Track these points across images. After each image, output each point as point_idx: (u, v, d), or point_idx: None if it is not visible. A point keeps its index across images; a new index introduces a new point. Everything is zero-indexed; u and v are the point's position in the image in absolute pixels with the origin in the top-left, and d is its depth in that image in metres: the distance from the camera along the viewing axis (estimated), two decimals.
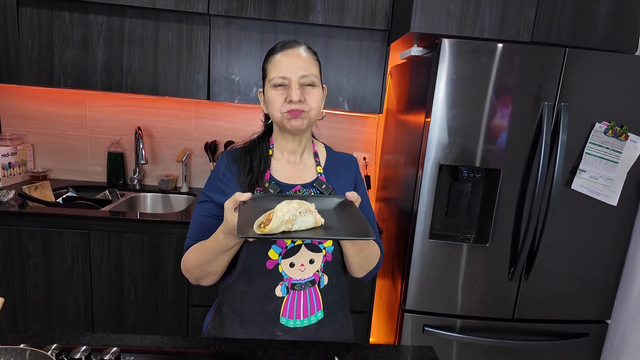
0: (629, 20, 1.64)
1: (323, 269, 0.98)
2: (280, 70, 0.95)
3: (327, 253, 0.98)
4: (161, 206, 2.29)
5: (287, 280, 0.96)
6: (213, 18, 1.91)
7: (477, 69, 1.49)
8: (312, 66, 0.97)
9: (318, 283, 0.99)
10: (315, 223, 0.80)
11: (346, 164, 1.10)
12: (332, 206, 0.89)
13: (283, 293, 0.97)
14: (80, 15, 1.88)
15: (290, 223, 0.77)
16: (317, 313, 0.99)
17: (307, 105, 0.95)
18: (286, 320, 0.98)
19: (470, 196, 1.66)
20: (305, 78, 0.95)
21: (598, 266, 1.67)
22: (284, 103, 0.95)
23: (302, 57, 0.96)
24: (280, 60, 0.96)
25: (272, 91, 0.96)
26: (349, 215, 0.83)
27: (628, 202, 1.61)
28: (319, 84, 0.99)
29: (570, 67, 1.49)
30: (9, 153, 2.12)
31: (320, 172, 1.04)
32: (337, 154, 1.13)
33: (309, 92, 0.96)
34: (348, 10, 1.89)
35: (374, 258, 1.03)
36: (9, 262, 1.79)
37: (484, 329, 1.68)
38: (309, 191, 1.01)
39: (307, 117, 0.96)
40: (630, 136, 1.53)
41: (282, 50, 0.97)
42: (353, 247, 0.97)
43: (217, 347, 0.93)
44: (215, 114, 2.32)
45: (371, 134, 2.39)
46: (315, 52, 1.02)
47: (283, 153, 1.05)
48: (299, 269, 0.96)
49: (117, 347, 0.83)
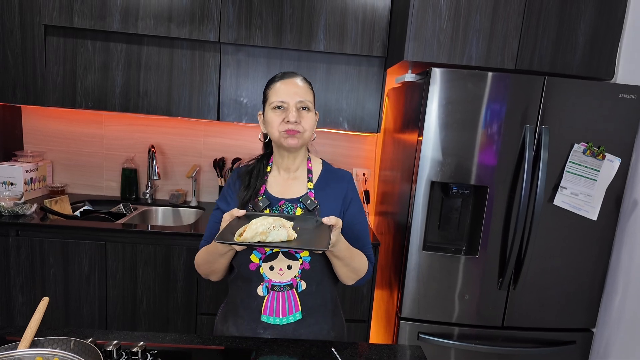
0: (606, 49, 1.79)
1: (300, 276, 1.12)
2: (280, 95, 1.11)
3: (304, 262, 1.12)
4: (172, 219, 2.42)
5: (268, 281, 1.11)
6: (223, 46, 2.08)
7: (465, 95, 1.63)
8: (308, 93, 1.14)
9: (296, 287, 1.12)
10: (288, 237, 0.94)
11: (338, 180, 1.21)
12: (313, 226, 1.03)
13: (264, 292, 1.11)
14: (102, 43, 2.05)
15: (264, 235, 0.92)
16: (296, 314, 1.13)
17: (302, 127, 1.11)
18: (267, 318, 1.12)
19: (461, 211, 1.78)
20: (301, 102, 1.11)
21: (582, 277, 1.78)
22: (281, 123, 1.10)
23: (299, 85, 1.14)
24: (280, 87, 1.13)
25: (271, 113, 1.12)
26: (319, 233, 0.98)
27: (608, 217, 1.73)
28: (313, 109, 1.15)
29: (549, 93, 1.64)
30: (30, 169, 2.27)
31: (311, 187, 1.17)
32: (333, 170, 1.25)
33: (303, 116, 1.12)
34: (348, 39, 2.05)
35: (361, 269, 1.16)
36: (31, 271, 1.91)
37: (475, 336, 1.79)
38: (295, 205, 1.15)
39: (301, 138, 1.12)
40: (607, 156, 1.66)
41: (282, 79, 1.14)
42: (337, 261, 1.09)
43: (227, 343, 1.05)
44: (224, 132, 2.47)
45: (370, 152, 2.53)
46: (310, 83, 1.18)
47: (279, 170, 1.20)
48: (278, 272, 1.11)
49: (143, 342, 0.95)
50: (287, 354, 1.03)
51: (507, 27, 1.74)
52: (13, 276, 1.91)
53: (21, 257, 1.90)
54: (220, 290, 1.98)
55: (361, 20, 2.04)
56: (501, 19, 1.73)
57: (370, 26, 2.05)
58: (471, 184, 1.69)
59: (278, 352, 1.04)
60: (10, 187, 2.20)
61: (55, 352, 0.77)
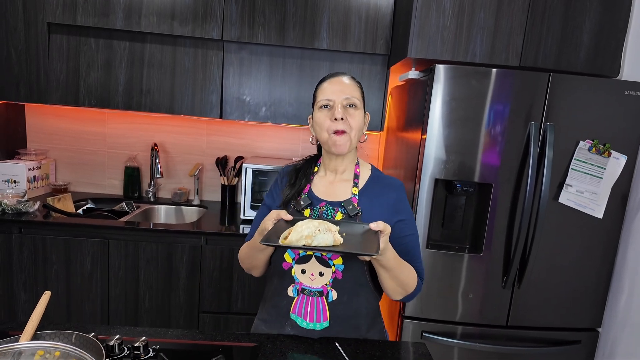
0: (611, 46, 1.77)
1: (332, 284, 1.08)
2: (326, 94, 1.10)
3: (336, 270, 1.08)
4: (174, 218, 2.41)
5: (298, 284, 1.09)
6: (226, 44, 2.08)
7: (469, 92, 1.62)
8: (355, 90, 1.12)
9: (326, 296, 1.08)
10: (334, 242, 0.91)
11: (387, 188, 1.16)
12: (360, 232, 0.99)
13: (294, 294, 1.09)
14: (105, 41, 2.05)
15: (309, 238, 0.90)
16: (323, 322, 1.09)
17: (349, 125, 1.08)
18: (295, 317, 1.10)
19: (465, 209, 1.77)
20: (347, 100, 1.09)
21: (587, 276, 1.76)
22: (329, 122, 1.09)
23: (345, 83, 1.11)
24: (326, 87, 1.12)
25: (319, 112, 1.11)
26: (367, 239, 0.95)
27: (614, 215, 1.71)
28: (361, 107, 1.12)
29: (554, 89, 1.62)
30: (34, 167, 2.27)
31: (355, 193, 1.14)
32: (382, 177, 1.19)
33: (350, 113, 1.09)
34: (351, 37, 2.05)
35: (410, 284, 1.09)
36: (33, 269, 1.91)
37: (479, 335, 1.77)
38: (336, 209, 1.12)
39: (348, 139, 1.09)
40: (613, 153, 1.65)
41: (329, 79, 1.14)
42: (384, 272, 1.03)
43: (229, 339, 1.04)
44: (226, 131, 2.47)
45: (373, 150, 2.52)
46: (359, 82, 1.16)
47: (326, 171, 1.19)
48: (309, 277, 1.08)
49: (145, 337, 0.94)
50: (290, 350, 1.02)
51: (512, 24, 1.73)
52: (16, 274, 1.91)
53: (24, 255, 1.90)
54: (223, 289, 1.98)
55: (364, 17, 2.04)
56: (505, 16, 1.72)
57: (373, 24, 2.04)
58: (475, 181, 1.68)
59: (281, 348, 1.03)
60: (14, 185, 2.20)
61: (56, 345, 0.77)
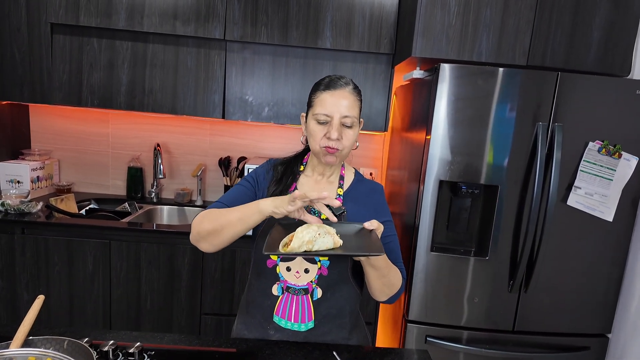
0: (622, 45, 1.72)
1: (317, 281, 1.07)
2: (325, 108, 1.05)
3: (322, 266, 1.07)
4: (177, 218, 2.40)
5: (283, 282, 1.08)
6: (229, 43, 2.06)
7: (475, 92, 1.59)
8: (354, 107, 1.08)
9: (311, 294, 1.08)
10: (334, 244, 0.91)
11: (370, 191, 1.18)
12: (354, 232, 0.98)
13: (278, 292, 1.08)
14: (108, 41, 2.04)
15: (310, 244, 0.88)
16: (308, 323, 1.08)
17: (342, 144, 1.06)
18: (278, 319, 1.08)
19: (470, 211, 1.73)
20: (345, 119, 1.06)
21: (597, 280, 1.71)
22: (323, 137, 1.06)
23: (347, 98, 1.06)
24: (326, 99, 1.06)
25: (314, 124, 1.07)
26: (365, 238, 0.94)
27: (624, 218, 1.66)
28: (357, 124, 1.10)
29: (563, 89, 1.58)
30: (37, 167, 2.27)
31: (340, 193, 1.15)
32: (364, 181, 1.22)
33: (346, 132, 1.07)
34: (354, 36, 2.02)
35: (396, 284, 1.08)
36: (36, 269, 1.91)
37: (485, 341, 1.73)
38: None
39: (339, 156, 1.08)
40: (623, 155, 1.60)
41: (330, 89, 1.06)
42: (374, 272, 1.02)
43: (228, 345, 1.02)
44: (229, 131, 2.45)
45: (377, 151, 2.49)
46: (360, 92, 1.11)
47: (313, 172, 1.17)
48: (294, 274, 1.07)
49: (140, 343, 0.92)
50: (289, 357, 1.00)
51: (519, 22, 1.68)
52: (18, 274, 1.91)
53: (26, 255, 1.90)
54: (224, 291, 1.96)
55: (368, 16, 2.01)
56: (512, 14, 1.68)
57: (377, 22, 2.01)
58: (481, 183, 1.64)
59: (280, 355, 1.00)
60: (17, 185, 2.21)
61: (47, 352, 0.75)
